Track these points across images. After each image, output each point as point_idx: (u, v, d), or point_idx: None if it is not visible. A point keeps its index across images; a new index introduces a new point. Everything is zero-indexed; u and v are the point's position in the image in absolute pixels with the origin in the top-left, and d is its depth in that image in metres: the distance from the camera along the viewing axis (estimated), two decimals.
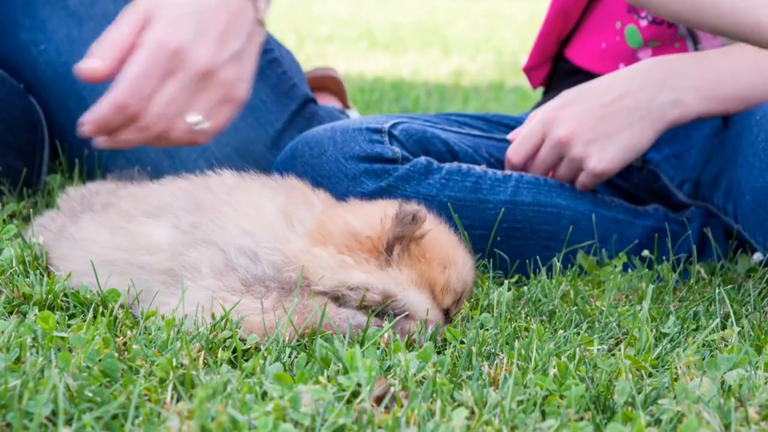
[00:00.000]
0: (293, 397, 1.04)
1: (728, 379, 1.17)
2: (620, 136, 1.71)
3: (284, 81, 1.99)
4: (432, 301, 1.33)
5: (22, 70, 1.99)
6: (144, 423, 1.00)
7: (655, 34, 1.85)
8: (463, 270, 1.37)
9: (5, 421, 0.98)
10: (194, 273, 1.29)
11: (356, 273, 1.29)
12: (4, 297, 1.35)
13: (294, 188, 1.43)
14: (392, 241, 1.31)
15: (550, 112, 1.74)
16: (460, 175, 1.67)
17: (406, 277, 1.31)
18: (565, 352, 1.25)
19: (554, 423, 1.05)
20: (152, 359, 1.15)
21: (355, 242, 1.31)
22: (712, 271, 1.72)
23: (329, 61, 5.38)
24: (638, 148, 1.72)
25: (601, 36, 1.92)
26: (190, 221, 1.34)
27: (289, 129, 1.94)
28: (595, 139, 1.71)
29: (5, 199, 1.88)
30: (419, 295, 1.32)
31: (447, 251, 1.36)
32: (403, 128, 1.73)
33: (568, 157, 1.73)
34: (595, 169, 1.71)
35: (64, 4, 1.98)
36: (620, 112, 1.71)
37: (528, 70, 2.07)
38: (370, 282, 1.29)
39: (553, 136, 1.72)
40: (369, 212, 1.36)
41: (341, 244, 1.31)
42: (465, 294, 1.38)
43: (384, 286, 1.30)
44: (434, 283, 1.33)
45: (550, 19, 1.99)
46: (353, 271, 1.30)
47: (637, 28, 1.86)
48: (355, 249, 1.31)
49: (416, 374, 1.15)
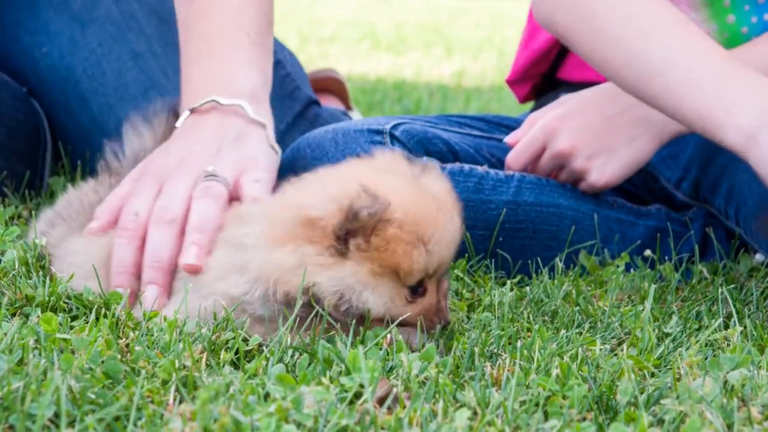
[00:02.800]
0: (296, 398, 1.04)
1: (731, 378, 1.17)
2: (622, 151, 1.70)
3: (287, 83, 1.99)
4: (393, 284, 1.23)
5: (24, 72, 1.99)
6: (146, 425, 1.00)
7: None
8: (437, 246, 1.24)
9: (8, 424, 0.98)
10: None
11: (316, 274, 1.21)
12: (6, 299, 1.35)
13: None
14: (344, 235, 1.21)
15: (552, 121, 1.73)
16: (462, 176, 1.67)
17: (366, 269, 1.21)
18: (568, 352, 1.25)
19: (557, 423, 1.05)
20: (155, 361, 1.15)
21: (312, 230, 1.21)
22: (714, 271, 1.71)
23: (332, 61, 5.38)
24: (640, 161, 1.71)
25: None
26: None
27: (292, 131, 1.94)
28: (597, 154, 1.71)
29: (7, 202, 1.89)
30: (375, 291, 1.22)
31: (415, 230, 1.22)
32: (405, 129, 1.73)
33: (568, 169, 1.73)
34: (596, 183, 1.72)
35: (67, 6, 1.98)
36: (623, 126, 1.70)
37: (511, 83, 2.05)
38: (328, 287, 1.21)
39: (555, 147, 1.72)
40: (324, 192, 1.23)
41: (298, 235, 1.22)
42: (441, 267, 1.26)
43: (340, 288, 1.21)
44: (397, 267, 1.22)
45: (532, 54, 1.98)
46: (314, 270, 1.21)
47: None
48: (313, 238, 1.21)
49: (419, 375, 1.15)
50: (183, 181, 1.40)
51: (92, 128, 1.95)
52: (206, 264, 1.31)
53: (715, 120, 1.35)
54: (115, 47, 1.93)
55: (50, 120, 2.00)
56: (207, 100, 1.51)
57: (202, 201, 1.38)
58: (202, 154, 1.45)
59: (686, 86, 1.39)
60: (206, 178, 1.41)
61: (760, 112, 1.31)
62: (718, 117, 1.35)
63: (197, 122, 1.51)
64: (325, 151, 1.66)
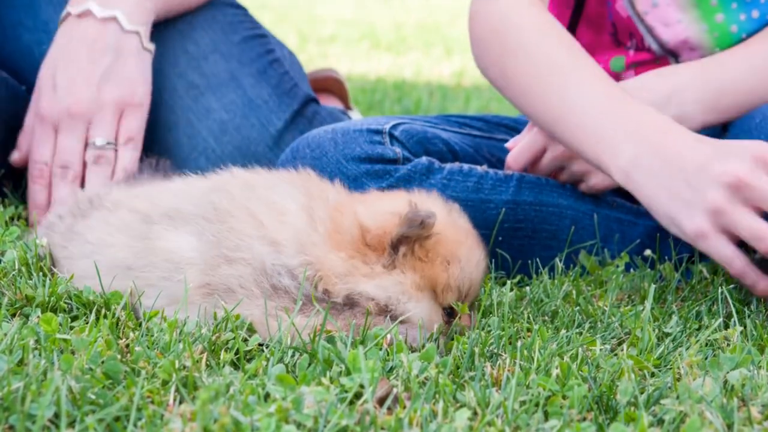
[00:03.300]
0: (296, 398, 1.04)
1: (731, 378, 1.17)
2: None
3: (286, 81, 1.99)
4: (433, 303, 1.33)
5: (25, 71, 1.99)
6: (146, 425, 1.00)
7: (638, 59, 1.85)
8: (468, 266, 1.36)
9: (8, 424, 0.98)
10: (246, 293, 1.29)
11: (363, 283, 1.30)
12: (6, 299, 1.35)
13: (310, 180, 1.42)
14: (396, 241, 1.31)
15: None
16: (462, 176, 1.67)
17: (410, 280, 1.31)
18: (568, 352, 1.25)
19: (557, 423, 1.05)
20: (155, 361, 1.15)
21: (364, 242, 1.32)
22: (714, 271, 1.71)
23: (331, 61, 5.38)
24: None
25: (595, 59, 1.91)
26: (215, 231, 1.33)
27: (291, 129, 1.94)
28: None
29: (7, 202, 1.89)
30: (418, 303, 1.32)
31: (451, 248, 1.35)
32: (404, 129, 1.73)
33: (569, 170, 1.73)
34: (596, 186, 1.72)
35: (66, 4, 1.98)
36: None
37: None
38: (375, 294, 1.30)
39: (556, 149, 1.72)
40: (380, 208, 1.35)
41: (352, 246, 1.31)
42: (472, 291, 1.38)
43: (386, 297, 1.30)
44: (435, 283, 1.33)
45: None
46: (361, 280, 1.30)
47: (624, 57, 1.86)
48: (364, 250, 1.31)
49: (419, 375, 1.15)
50: (74, 139, 1.76)
51: None
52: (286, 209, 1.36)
53: (603, 162, 1.52)
54: None
55: None
56: (84, 9, 1.79)
57: (93, 171, 1.77)
58: (85, 98, 1.77)
59: (582, 131, 1.55)
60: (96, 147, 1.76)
61: (633, 155, 1.48)
62: (604, 162, 1.52)
63: (75, 32, 1.79)
64: (324, 150, 1.66)
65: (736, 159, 1.41)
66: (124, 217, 1.41)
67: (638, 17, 1.80)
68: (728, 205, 1.40)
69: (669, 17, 1.79)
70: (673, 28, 1.79)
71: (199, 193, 1.40)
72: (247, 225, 1.32)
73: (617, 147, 1.50)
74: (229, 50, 1.95)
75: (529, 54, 1.63)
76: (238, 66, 1.95)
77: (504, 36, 1.66)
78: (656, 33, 1.80)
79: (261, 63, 1.98)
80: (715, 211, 1.41)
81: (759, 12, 1.76)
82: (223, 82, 1.89)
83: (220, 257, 1.30)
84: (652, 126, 1.50)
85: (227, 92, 1.87)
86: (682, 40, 1.78)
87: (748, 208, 1.41)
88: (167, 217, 1.36)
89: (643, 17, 1.80)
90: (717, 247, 1.43)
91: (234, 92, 1.91)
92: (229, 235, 1.32)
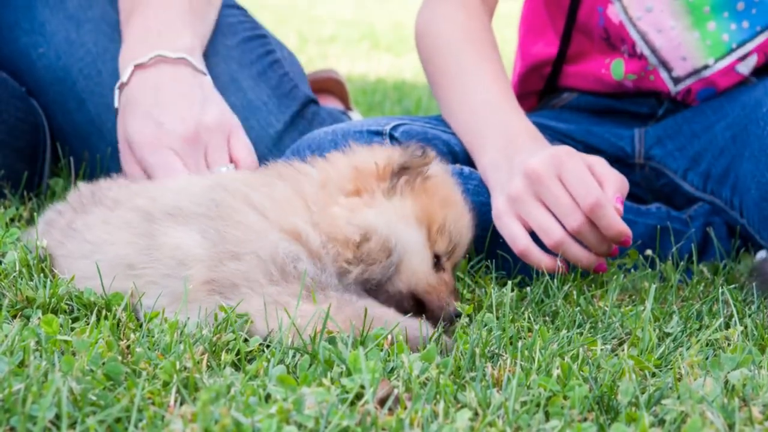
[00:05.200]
0: (297, 399, 1.04)
1: (732, 378, 1.17)
2: None
3: (285, 82, 1.99)
4: (426, 241, 1.38)
5: (22, 73, 1.99)
6: (147, 426, 1.00)
7: (632, 67, 1.86)
8: (461, 217, 1.43)
9: (9, 425, 0.98)
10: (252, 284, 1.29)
11: (365, 212, 1.34)
12: (7, 301, 1.35)
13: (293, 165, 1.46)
14: (399, 169, 1.37)
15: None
16: (463, 178, 1.67)
17: (409, 208, 1.36)
18: (569, 352, 1.25)
19: (558, 424, 1.05)
20: (155, 362, 1.15)
21: (359, 173, 1.36)
22: (715, 271, 1.71)
23: (331, 62, 5.38)
24: None
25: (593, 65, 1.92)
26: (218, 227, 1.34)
27: (290, 130, 1.95)
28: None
29: (7, 203, 1.88)
30: (415, 233, 1.36)
31: (449, 193, 1.43)
32: (404, 130, 1.73)
33: None
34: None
35: (63, 6, 1.98)
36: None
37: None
38: (376, 223, 1.33)
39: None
40: (372, 149, 1.44)
41: (346, 185, 1.36)
42: (460, 247, 1.42)
43: (386, 224, 1.34)
44: (432, 220, 1.38)
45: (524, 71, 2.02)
46: (363, 210, 1.34)
47: (622, 61, 1.86)
48: (360, 181, 1.36)
49: (419, 376, 1.15)
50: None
51: (90, 129, 1.94)
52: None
53: (475, 157, 1.71)
54: (111, 47, 1.93)
55: (48, 121, 1.99)
56: (154, 55, 1.73)
57: None
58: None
59: (465, 127, 1.75)
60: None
61: (492, 157, 1.66)
62: (475, 157, 1.71)
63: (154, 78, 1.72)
64: (324, 152, 1.66)
65: (543, 157, 1.54)
66: (125, 214, 1.41)
67: (631, 22, 1.81)
68: (525, 195, 1.55)
69: (662, 23, 1.80)
70: (666, 34, 1.80)
71: (200, 191, 1.40)
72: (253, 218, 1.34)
73: (485, 147, 1.68)
74: (228, 53, 1.95)
75: (442, 57, 1.83)
76: (238, 68, 1.95)
77: (426, 40, 1.87)
78: (649, 38, 1.81)
79: (261, 65, 1.98)
80: (514, 197, 1.56)
81: (749, 23, 1.78)
82: (223, 85, 1.89)
83: (225, 253, 1.30)
84: (516, 131, 1.67)
85: (227, 95, 1.87)
86: (674, 47, 1.80)
87: (540, 202, 1.54)
88: (169, 215, 1.37)
89: (635, 22, 1.81)
90: (507, 225, 1.57)
91: (234, 95, 1.91)
92: (234, 231, 1.32)
